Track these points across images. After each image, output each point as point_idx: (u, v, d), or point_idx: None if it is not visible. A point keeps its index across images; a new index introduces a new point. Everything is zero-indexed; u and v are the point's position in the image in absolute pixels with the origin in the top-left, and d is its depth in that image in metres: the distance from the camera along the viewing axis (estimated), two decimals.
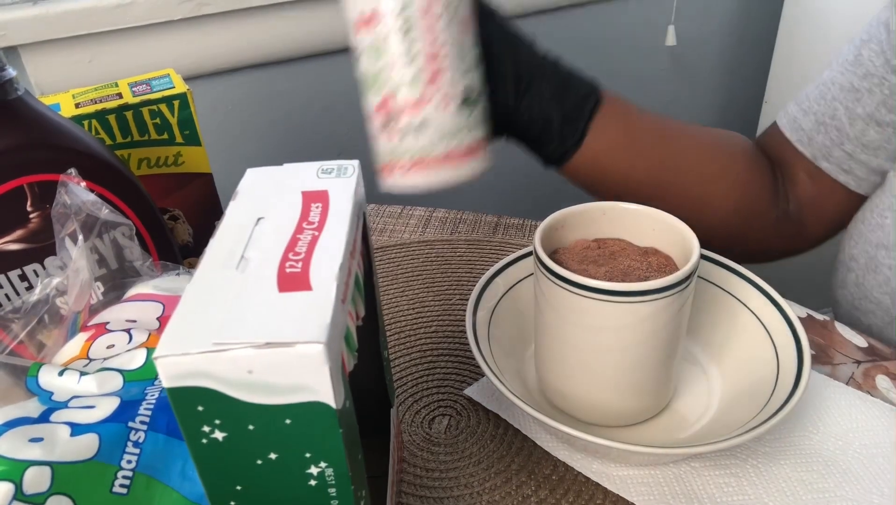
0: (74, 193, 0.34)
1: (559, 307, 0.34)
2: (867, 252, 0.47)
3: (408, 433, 0.40)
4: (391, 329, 0.48)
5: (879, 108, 0.47)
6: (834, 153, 0.50)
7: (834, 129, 0.49)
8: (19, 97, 0.35)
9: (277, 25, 0.89)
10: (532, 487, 0.36)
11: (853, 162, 0.49)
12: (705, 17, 1.24)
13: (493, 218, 0.60)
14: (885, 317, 0.47)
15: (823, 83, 0.51)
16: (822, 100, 0.50)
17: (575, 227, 0.38)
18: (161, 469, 0.26)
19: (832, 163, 0.50)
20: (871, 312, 0.48)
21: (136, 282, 0.35)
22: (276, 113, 0.96)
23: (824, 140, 0.50)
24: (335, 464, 0.21)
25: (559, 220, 0.38)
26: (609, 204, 0.38)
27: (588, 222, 0.38)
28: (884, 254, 0.46)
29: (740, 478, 0.35)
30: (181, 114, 0.47)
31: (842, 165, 0.50)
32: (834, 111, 0.49)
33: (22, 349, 0.30)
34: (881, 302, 0.47)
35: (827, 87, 0.50)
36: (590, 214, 0.38)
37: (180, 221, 0.50)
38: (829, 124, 0.49)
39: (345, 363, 0.21)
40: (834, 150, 0.50)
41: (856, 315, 0.50)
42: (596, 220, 0.38)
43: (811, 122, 0.51)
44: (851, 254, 0.49)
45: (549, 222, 0.37)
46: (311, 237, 0.23)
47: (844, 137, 0.49)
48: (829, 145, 0.50)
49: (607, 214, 0.38)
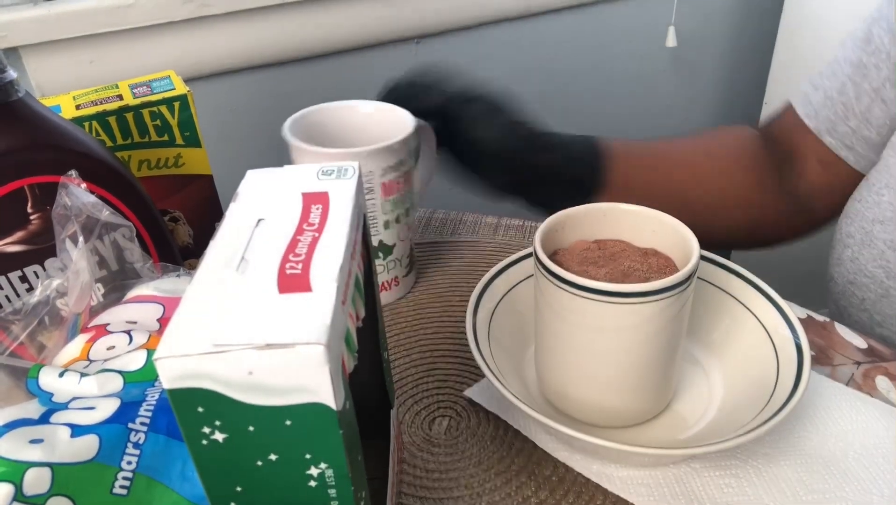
0: (75, 195, 0.34)
1: (559, 308, 0.34)
2: (863, 228, 0.48)
3: (408, 434, 0.40)
4: (391, 330, 0.48)
5: (885, 83, 0.48)
6: (839, 128, 0.51)
7: (840, 105, 0.51)
8: (20, 99, 0.35)
9: (278, 27, 0.89)
10: (532, 488, 0.36)
11: (855, 138, 0.50)
12: (705, 17, 1.24)
13: (494, 219, 0.60)
14: (879, 290, 0.48)
15: (835, 60, 0.53)
16: (832, 76, 0.52)
17: (575, 228, 0.38)
18: (161, 470, 0.26)
19: (835, 138, 0.52)
20: (866, 286, 0.49)
21: (136, 283, 0.35)
22: (276, 114, 0.95)
23: (830, 114, 0.51)
24: (335, 465, 0.21)
25: (559, 222, 0.38)
26: (609, 205, 0.38)
27: (588, 223, 0.38)
28: (879, 228, 0.47)
29: (740, 479, 0.35)
30: (182, 115, 0.47)
31: (844, 141, 0.51)
32: (842, 86, 0.51)
33: (22, 351, 0.30)
34: (875, 275, 0.48)
35: (838, 63, 0.52)
36: (590, 215, 0.38)
37: (181, 223, 0.50)
38: (837, 99, 0.51)
39: (345, 364, 0.21)
40: (839, 124, 0.51)
41: (850, 290, 0.51)
42: (596, 221, 0.38)
43: (820, 96, 0.52)
44: (848, 231, 0.50)
45: (550, 223, 0.37)
46: (311, 238, 0.23)
47: (850, 113, 0.50)
48: (834, 120, 0.51)
49: (608, 216, 0.38)
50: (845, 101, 0.50)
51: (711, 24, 1.25)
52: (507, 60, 1.10)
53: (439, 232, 0.59)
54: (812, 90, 0.54)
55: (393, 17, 0.96)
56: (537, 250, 0.34)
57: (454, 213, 0.61)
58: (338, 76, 0.98)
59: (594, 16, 1.13)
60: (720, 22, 1.26)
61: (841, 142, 0.51)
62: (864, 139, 0.50)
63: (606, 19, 1.15)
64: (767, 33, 1.29)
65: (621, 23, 1.16)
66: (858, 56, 0.50)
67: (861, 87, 0.49)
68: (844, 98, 0.50)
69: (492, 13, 1.03)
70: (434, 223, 0.60)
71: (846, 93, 0.50)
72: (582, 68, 1.16)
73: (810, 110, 0.53)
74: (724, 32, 1.28)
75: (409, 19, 0.97)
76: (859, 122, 0.50)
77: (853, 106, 0.50)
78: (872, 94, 0.49)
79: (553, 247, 0.38)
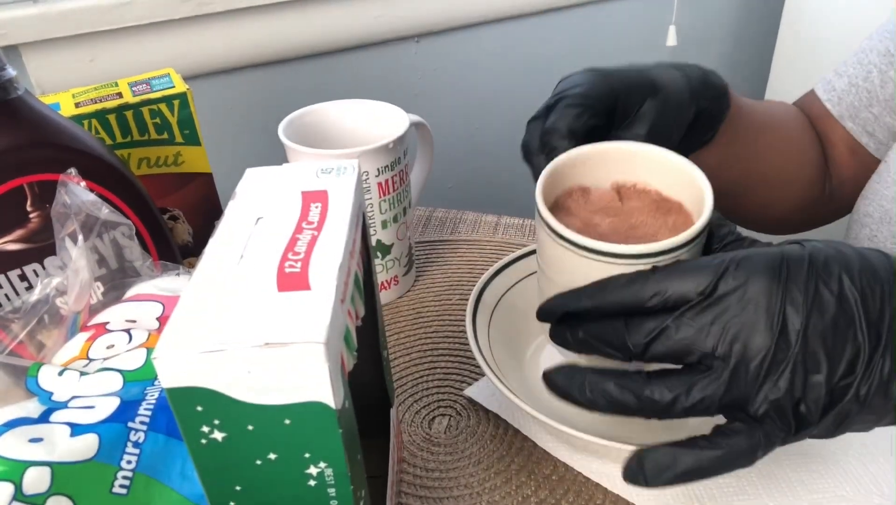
0: (74, 193, 0.34)
1: (547, 255, 0.32)
2: (882, 207, 0.49)
3: (407, 433, 0.40)
4: (391, 329, 0.48)
5: None
6: (861, 114, 0.52)
7: (865, 91, 0.52)
8: (19, 97, 0.35)
9: (278, 24, 0.89)
10: (532, 487, 0.36)
11: (877, 125, 0.52)
12: (705, 16, 1.24)
13: (493, 218, 0.60)
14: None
15: (862, 50, 0.54)
16: (858, 64, 0.53)
17: (600, 166, 0.35)
18: (161, 469, 0.26)
19: (857, 123, 0.53)
20: None
21: (135, 282, 0.35)
22: (276, 113, 0.95)
23: (853, 100, 0.53)
24: (334, 464, 0.21)
25: (584, 156, 0.34)
26: (637, 145, 0.35)
27: (618, 161, 0.35)
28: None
29: (740, 478, 0.35)
30: (181, 113, 0.47)
31: (866, 127, 0.52)
32: (868, 73, 0.52)
33: (22, 349, 0.30)
34: (894, 252, 0.48)
35: (865, 53, 0.53)
36: (616, 154, 0.35)
37: (180, 221, 0.50)
38: (861, 86, 0.52)
39: (344, 363, 0.21)
40: (862, 111, 0.52)
41: None
42: (623, 161, 0.35)
43: (844, 83, 0.53)
44: (867, 211, 0.51)
45: (568, 157, 0.34)
46: (310, 237, 0.23)
47: (874, 99, 0.51)
48: (857, 106, 0.52)
49: (636, 157, 0.34)
50: (870, 87, 0.52)
51: (711, 23, 1.25)
52: (507, 59, 1.10)
53: (439, 230, 0.59)
54: (836, 77, 0.55)
55: (393, 15, 0.96)
56: (538, 201, 0.32)
57: (454, 212, 0.61)
58: (338, 74, 0.98)
59: (594, 15, 1.13)
60: (720, 22, 1.26)
61: (863, 128, 0.52)
62: (885, 126, 0.51)
63: (606, 19, 1.14)
64: (767, 33, 1.29)
65: (621, 22, 1.16)
66: (886, 45, 0.51)
67: (886, 75, 0.51)
68: (869, 84, 0.52)
69: (492, 12, 1.03)
70: (434, 222, 0.60)
71: (871, 80, 0.52)
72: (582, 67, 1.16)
73: (833, 96, 0.54)
74: (724, 32, 1.28)
75: (409, 18, 0.97)
76: (882, 109, 0.51)
77: (878, 93, 0.51)
78: None
79: (573, 182, 0.35)
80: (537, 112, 0.38)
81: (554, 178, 0.34)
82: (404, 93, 1.03)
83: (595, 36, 1.15)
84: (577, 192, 0.35)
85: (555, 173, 0.34)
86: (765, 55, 1.30)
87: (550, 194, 0.34)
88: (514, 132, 1.36)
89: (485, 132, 1.14)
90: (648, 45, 1.21)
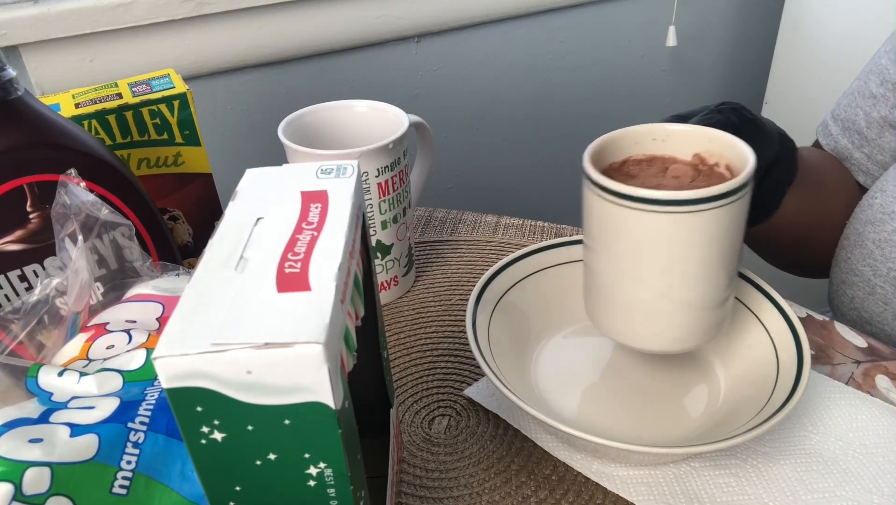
0: (74, 194, 0.34)
1: (597, 217, 0.34)
2: (856, 229, 0.51)
3: (407, 433, 0.40)
4: (391, 329, 0.48)
5: (893, 111, 0.51)
6: (854, 155, 0.54)
7: (855, 133, 0.54)
8: (19, 97, 0.35)
9: (278, 25, 0.89)
10: (532, 488, 0.36)
11: (871, 163, 0.54)
12: (705, 17, 1.24)
13: (493, 218, 0.60)
14: (866, 287, 0.50)
15: (850, 92, 0.56)
16: (848, 107, 0.55)
17: (625, 147, 0.37)
18: (160, 470, 0.26)
19: (853, 164, 0.55)
20: (855, 284, 0.51)
21: (135, 282, 0.35)
22: (276, 113, 0.96)
23: (847, 143, 0.55)
24: (334, 464, 0.21)
25: (621, 136, 0.36)
26: (661, 125, 0.37)
27: (642, 142, 0.37)
28: (870, 229, 0.49)
29: (740, 478, 0.35)
30: (181, 114, 0.47)
31: (861, 167, 0.54)
32: (855, 116, 0.54)
33: (21, 350, 0.30)
34: (863, 273, 0.50)
35: (853, 95, 0.55)
36: (647, 134, 0.37)
37: (180, 222, 0.50)
38: (852, 129, 0.55)
39: (344, 363, 0.21)
40: (854, 152, 0.54)
41: (842, 289, 0.53)
42: (651, 140, 0.37)
43: (838, 127, 0.56)
44: (845, 234, 0.52)
45: (601, 141, 0.36)
46: (310, 237, 0.23)
47: (864, 141, 0.54)
48: (850, 148, 0.55)
49: (669, 138, 0.37)
50: (859, 129, 0.54)
51: (711, 24, 1.25)
52: (507, 59, 1.10)
53: (439, 231, 0.59)
54: (832, 121, 0.57)
55: (393, 15, 0.96)
56: (585, 162, 0.34)
57: (454, 212, 0.61)
58: (338, 74, 0.98)
59: (594, 15, 1.13)
60: (720, 22, 1.26)
61: (858, 168, 0.54)
62: (878, 164, 0.53)
63: (606, 19, 1.15)
64: (767, 33, 1.29)
65: (621, 22, 1.16)
66: (869, 87, 0.53)
67: (871, 117, 0.53)
68: (857, 127, 0.54)
69: (492, 12, 1.03)
70: (434, 222, 0.60)
71: (858, 122, 0.54)
72: (582, 67, 1.16)
73: (830, 141, 0.57)
74: (724, 32, 1.28)
75: (409, 18, 0.97)
76: (872, 149, 0.53)
77: (865, 133, 0.53)
78: (881, 122, 0.52)
79: (607, 162, 0.37)
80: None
81: (595, 158, 0.35)
82: (404, 93, 1.03)
83: (595, 36, 1.15)
84: (646, 162, 0.37)
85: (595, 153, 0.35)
86: (765, 55, 1.30)
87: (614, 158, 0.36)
88: (513, 132, 1.37)
89: (485, 132, 1.14)
90: (648, 46, 1.21)
